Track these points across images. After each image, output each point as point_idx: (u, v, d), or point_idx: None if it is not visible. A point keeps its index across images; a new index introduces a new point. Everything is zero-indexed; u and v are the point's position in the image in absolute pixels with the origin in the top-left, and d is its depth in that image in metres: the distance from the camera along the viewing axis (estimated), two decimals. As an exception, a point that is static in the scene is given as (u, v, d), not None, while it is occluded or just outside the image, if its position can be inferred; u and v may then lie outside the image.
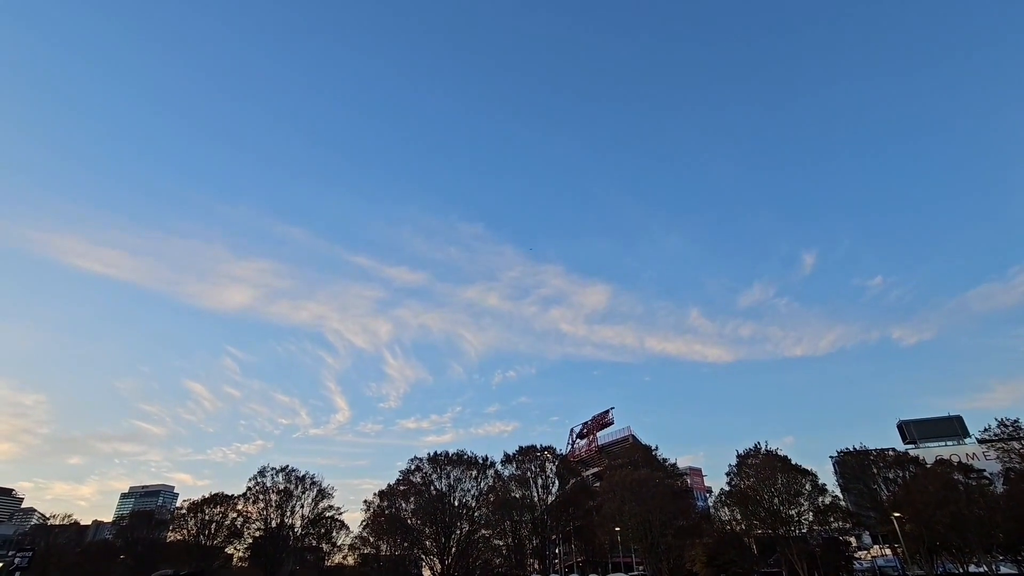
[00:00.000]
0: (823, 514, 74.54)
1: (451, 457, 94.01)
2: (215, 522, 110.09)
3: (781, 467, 76.16)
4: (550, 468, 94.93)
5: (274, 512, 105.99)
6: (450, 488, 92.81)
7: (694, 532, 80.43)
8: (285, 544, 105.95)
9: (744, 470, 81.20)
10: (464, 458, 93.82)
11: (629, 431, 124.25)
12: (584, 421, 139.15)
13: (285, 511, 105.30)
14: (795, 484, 74.28)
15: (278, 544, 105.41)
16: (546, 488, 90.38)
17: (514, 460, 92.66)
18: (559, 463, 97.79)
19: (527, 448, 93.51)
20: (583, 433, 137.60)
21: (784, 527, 73.26)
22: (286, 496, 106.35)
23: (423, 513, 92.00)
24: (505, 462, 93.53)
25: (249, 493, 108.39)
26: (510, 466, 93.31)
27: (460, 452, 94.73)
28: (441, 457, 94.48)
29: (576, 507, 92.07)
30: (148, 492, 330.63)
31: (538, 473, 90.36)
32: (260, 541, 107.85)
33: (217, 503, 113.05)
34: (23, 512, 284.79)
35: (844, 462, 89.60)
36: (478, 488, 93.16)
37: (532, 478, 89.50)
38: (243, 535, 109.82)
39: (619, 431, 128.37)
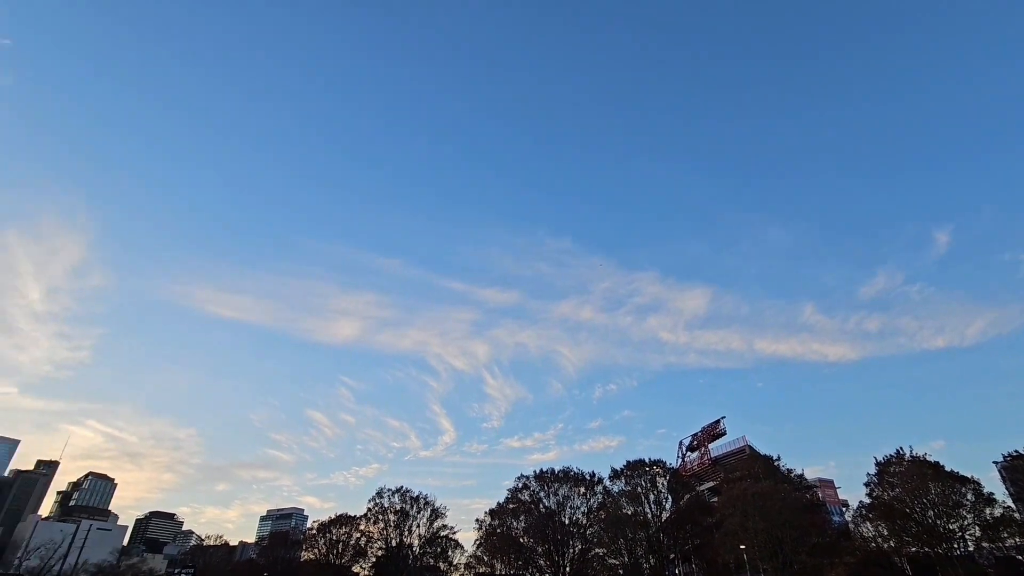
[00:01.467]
0: (993, 529, 64.30)
1: (557, 474, 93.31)
2: (341, 542, 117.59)
3: (932, 475, 67.06)
4: (661, 483, 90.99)
5: (393, 532, 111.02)
6: (559, 505, 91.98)
7: (832, 551, 72.72)
8: (405, 563, 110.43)
9: (886, 479, 72.54)
10: (571, 475, 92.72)
11: (744, 441, 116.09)
12: (694, 433, 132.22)
13: (403, 530, 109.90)
14: (953, 494, 64.96)
15: (399, 563, 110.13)
16: (659, 504, 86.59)
17: (622, 475, 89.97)
18: (671, 478, 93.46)
19: (635, 463, 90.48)
20: (693, 445, 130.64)
21: (943, 544, 64.11)
22: (403, 516, 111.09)
23: (534, 531, 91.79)
24: (613, 478, 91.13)
25: (370, 514, 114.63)
26: (619, 482, 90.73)
27: (566, 469, 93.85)
28: (547, 475, 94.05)
29: (693, 524, 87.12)
30: (282, 515, 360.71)
31: (649, 488, 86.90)
32: (382, 560, 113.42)
33: (342, 524, 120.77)
34: (183, 534, 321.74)
35: (1015, 467, 76.95)
36: (587, 505, 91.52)
37: (643, 494, 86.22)
38: (367, 554, 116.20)
39: (733, 442, 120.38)
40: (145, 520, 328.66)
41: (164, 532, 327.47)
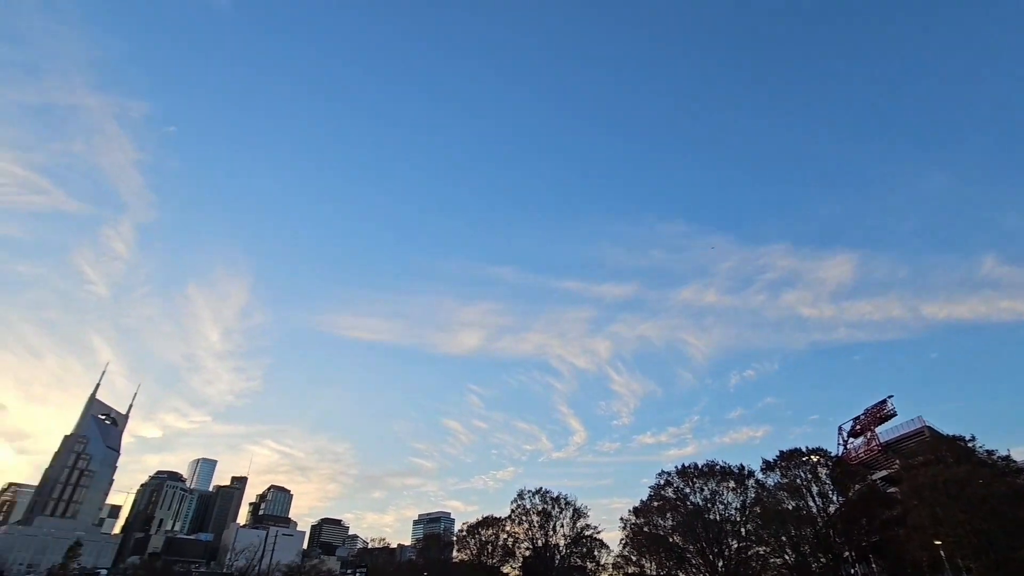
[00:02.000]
0: None
1: (702, 469, 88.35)
2: (490, 543, 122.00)
3: None
4: (823, 473, 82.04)
5: (538, 532, 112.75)
6: (707, 501, 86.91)
7: (1062, 547, 59.96)
8: (552, 562, 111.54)
9: None
10: (716, 469, 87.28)
11: (921, 422, 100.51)
12: (855, 416, 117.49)
13: (547, 531, 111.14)
14: None
15: (546, 562, 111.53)
16: (824, 497, 78.11)
17: (777, 467, 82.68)
18: (834, 467, 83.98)
19: (790, 452, 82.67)
20: (856, 431, 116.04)
21: None
22: (545, 517, 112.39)
23: (683, 529, 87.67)
24: (766, 470, 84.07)
25: (513, 515, 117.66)
26: (773, 474, 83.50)
27: (711, 463, 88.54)
28: (691, 470, 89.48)
29: (870, 518, 77.26)
30: (431, 518, 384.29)
31: (811, 480, 78.79)
32: (530, 560, 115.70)
33: (488, 525, 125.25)
34: (350, 538, 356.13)
35: None
36: (739, 500, 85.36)
37: (804, 486, 78.37)
38: (515, 554, 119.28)
39: (906, 423, 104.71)
40: (318, 526, 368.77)
41: (334, 536, 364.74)
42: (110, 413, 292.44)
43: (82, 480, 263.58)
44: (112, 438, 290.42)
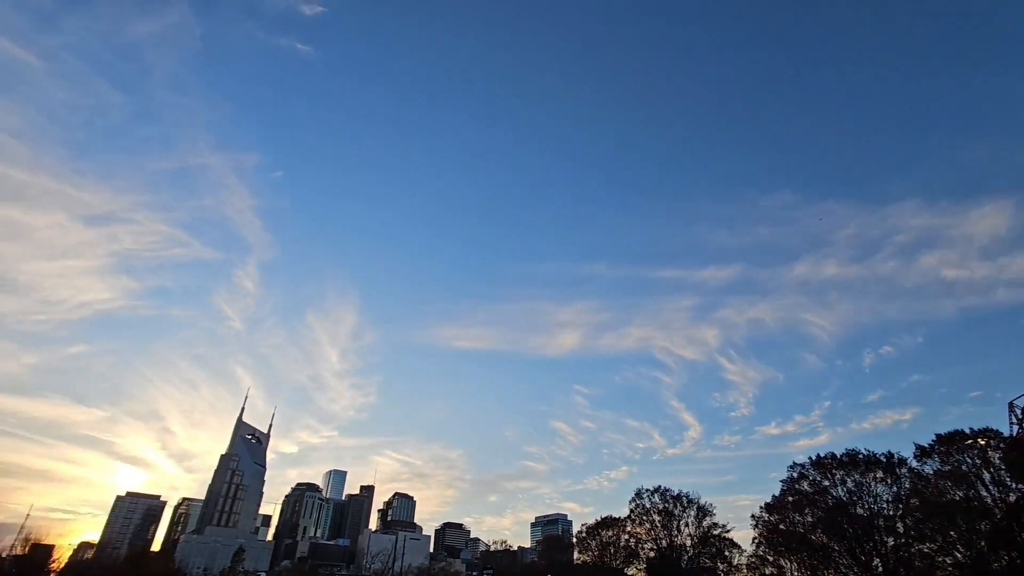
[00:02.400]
0: None
1: (841, 459, 79.99)
2: (612, 544, 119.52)
3: None
4: (995, 458, 70.66)
5: (661, 532, 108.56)
6: (851, 494, 78.42)
7: None
8: (678, 564, 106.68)
9: None
10: (859, 458, 78.55)
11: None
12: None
13: (671, 530, 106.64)
14: None
15: (672, 564, 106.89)
16: (1001, 485, 67.17)
17: (935, 453, 72.60)
18: (1009, 449, 72.06)
19: (950, 435, 72.20)
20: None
21: None
22: (668, 516, 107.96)
23: (825, 526, 79.80)
24: (921, 457, 74.15)
25: (632, 515, 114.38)
26: (930, 461, 73.44)
27: (852, 452, 79.86)
28: (828, 460, 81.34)
29: (1064, 508, 65.16)
30: (549, 520, 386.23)
31: (980, 466, 68.22)
32: (655, 561, 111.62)
33: (607, 526, 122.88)
34: (472, 541, 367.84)
35: None
36: (891, 492, 76.08)
37: (973, 473, 68.01)
38: (639, 555, 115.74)
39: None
40: (441, 530, 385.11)
41: (457, 540, 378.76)
42: (255, 433, 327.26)
43: (238, 494, 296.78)
44: (258, 455, 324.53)
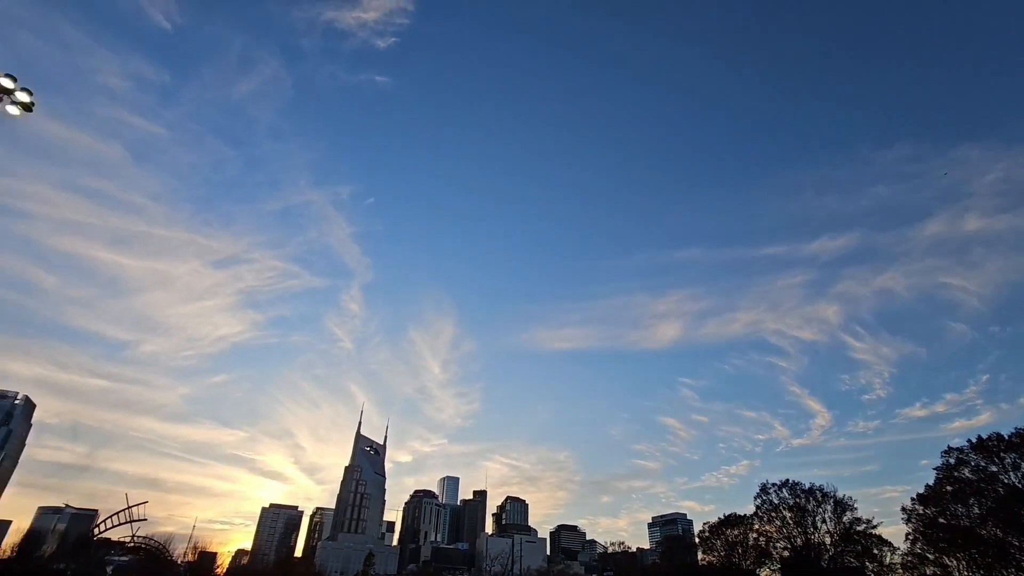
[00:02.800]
0: None
1: (1010, 440, 69.30)
2: (739, 544, 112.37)
3: None
4: None
5: (794, 530, 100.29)
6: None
7: None
8: (817, 564, 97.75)
9: None
10: (1035, 437, 67.53)
11: None
12: None
13: (806, 527, 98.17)
14: None
15: (810, 564, 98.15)
16: None
17: None
18: None
19: None
20: None
21: None
22: (800, 512, 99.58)
23: (998, 518, 69.24)
24: (1120, 432, 62.22)
25: (759, 512, 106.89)
26: None
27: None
28: (993, 442, 70.80)
29: None
30: (667, 520, 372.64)
31: None
32: (790, 561, 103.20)
33: (732, 525, 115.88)
34: (589, 543, 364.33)
35: None
36: (1082, 476, 64.47)
37: None
38: (771, 555, 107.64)
39: None
40: (556, 532, 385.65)
41: (572, 542, 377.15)
42: (373, 445, 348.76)
43: (363, 502, 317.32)
44: (378, 465, 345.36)
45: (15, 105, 30.13)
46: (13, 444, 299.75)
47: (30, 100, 30.47)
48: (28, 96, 30.35)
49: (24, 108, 30.47)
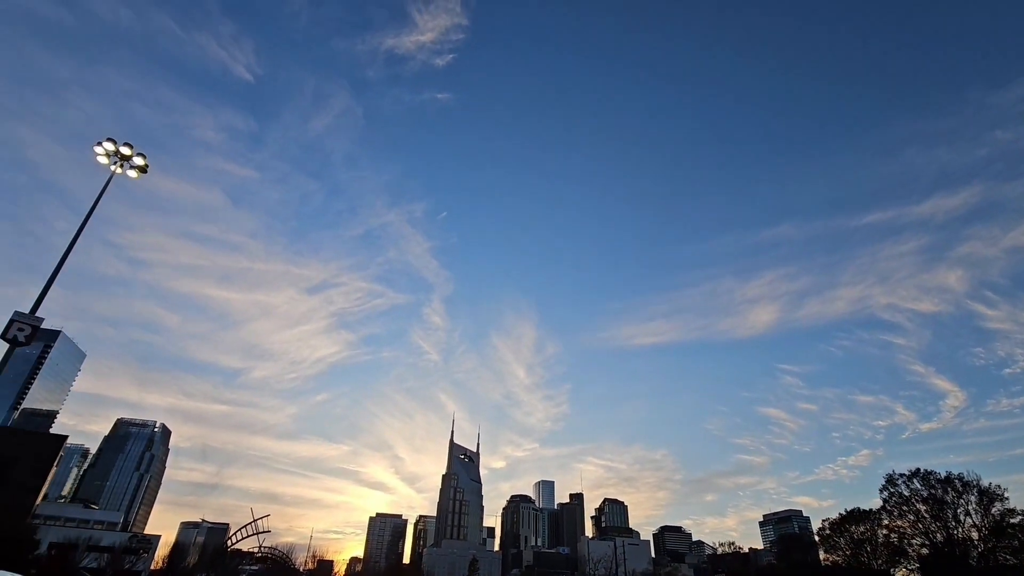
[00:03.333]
0: None
1: None
2: (866, 541, 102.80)
3: None
4: None
5: (932, 524, 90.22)
6: None
7: None
8: (965, 561, 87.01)
9: None
10: None
11: None
12: None
13: (946, 522, 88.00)
14: None
15: (955, 562, 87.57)
16: None
17: None
18: None
19: None
20: None
21: None
22: (937, 505, 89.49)
23: None
24: None
25: (888, 505, 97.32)
26: None
27: None
28: None
29: None
30: (780, 518, 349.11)
31: None
32: (930, 560, 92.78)
33: (857, 521, 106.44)
34: (696, 544, 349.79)
35: None
36: None
37: None
38: (907, 553, 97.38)
39: None
40: (659, 534, 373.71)
41: (678, 543, 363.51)
42: (467, 452, 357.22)
43: (463, 509, 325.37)
44: (473, 472, 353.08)
45: (133, 169, 33.86)
46: (156, 467, 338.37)
47: (144, 163, 34.13)
48: (143, 159, 34.00)
49: (140, 170, 34.18)
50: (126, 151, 33.15)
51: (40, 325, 25.41)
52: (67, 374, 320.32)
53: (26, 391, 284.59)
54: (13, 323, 24.44)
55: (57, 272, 27.59)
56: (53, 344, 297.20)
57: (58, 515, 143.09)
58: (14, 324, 24.45)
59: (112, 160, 32.94)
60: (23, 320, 24.77)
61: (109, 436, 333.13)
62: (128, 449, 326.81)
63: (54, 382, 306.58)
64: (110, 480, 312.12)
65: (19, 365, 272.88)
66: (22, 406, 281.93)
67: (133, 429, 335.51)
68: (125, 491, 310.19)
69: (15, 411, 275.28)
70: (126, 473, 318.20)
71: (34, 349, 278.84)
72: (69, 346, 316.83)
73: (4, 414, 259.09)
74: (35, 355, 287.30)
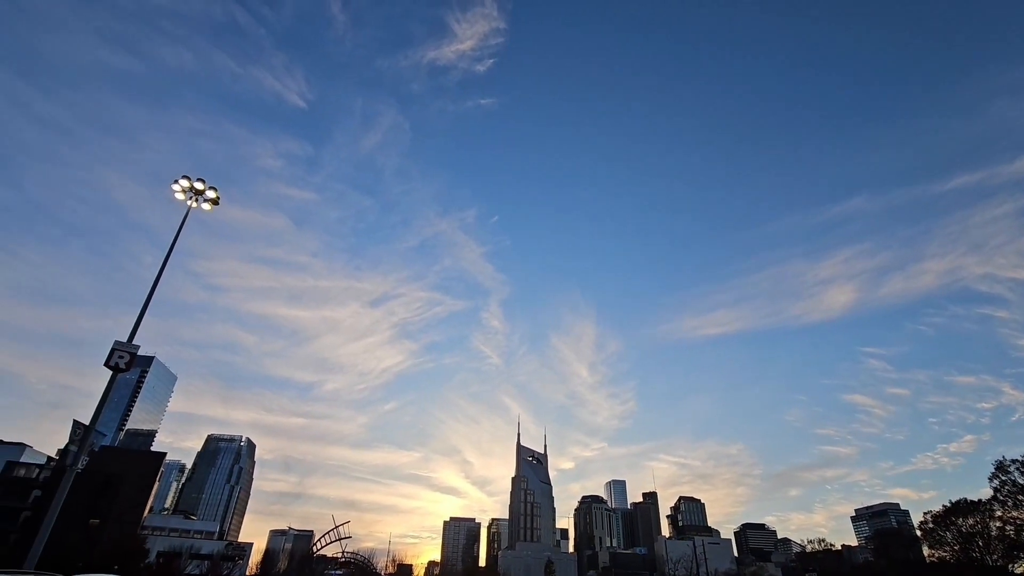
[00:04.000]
0: None
1: None
2: (978, 535, 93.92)
3: None
4: None
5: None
6: None
7: None
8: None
9: None
10: None
11: None
12: None
13: (1074, 512, 79.00)
14: None
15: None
16: None
17: None
18: None
19: None
20: None
21: None
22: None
23: None
24: None
25: (1000, 495, 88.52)
26: None
27: None
28: None
29: None
30: (875, 512, 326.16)
31: None
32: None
33: (964, 513, 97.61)
34: (781, 542, 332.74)
35: None
36: None
37: None
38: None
39: None
40: (741, 532, 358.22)
41: (762, 541, 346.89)
42: (534, 455, 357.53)
43: (534, 511, 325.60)
44: (542, 474, 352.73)
45: (207, 202, 36.16)
46: (245, 479, 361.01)
47: (216, 195, 36.35)
48: (214, 192, 36.24)
49: (212, 203, 36.44)
50: (199, 186, 35.46)
51: (137, 352, 27.49)
52: (162, 396, 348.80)
53: (128, 413, 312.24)
54: (114, 352, 26.61)
55: (148, 303, 29.87)
56: (148, 369, 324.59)
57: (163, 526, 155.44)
58: (115, 352, 26.61)
59: (188, 195, 35.31)
60: (122, 348, 26.93)
61: (201, 451, 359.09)
62: (219, 463, 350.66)
63: (151, 404, 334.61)
64: (205, 492, 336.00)
65: (121, 390, 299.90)
66: (126, 427, 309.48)
67: (222, 444, 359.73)
68: (219, 502, 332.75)
69: (120, 432, 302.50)
70: (218, 485, 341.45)
71: (133, 375, 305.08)
72: (162, 370, 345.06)
73: (111, 435, 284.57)
74: (134, 380, 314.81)
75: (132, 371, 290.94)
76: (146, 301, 29.82)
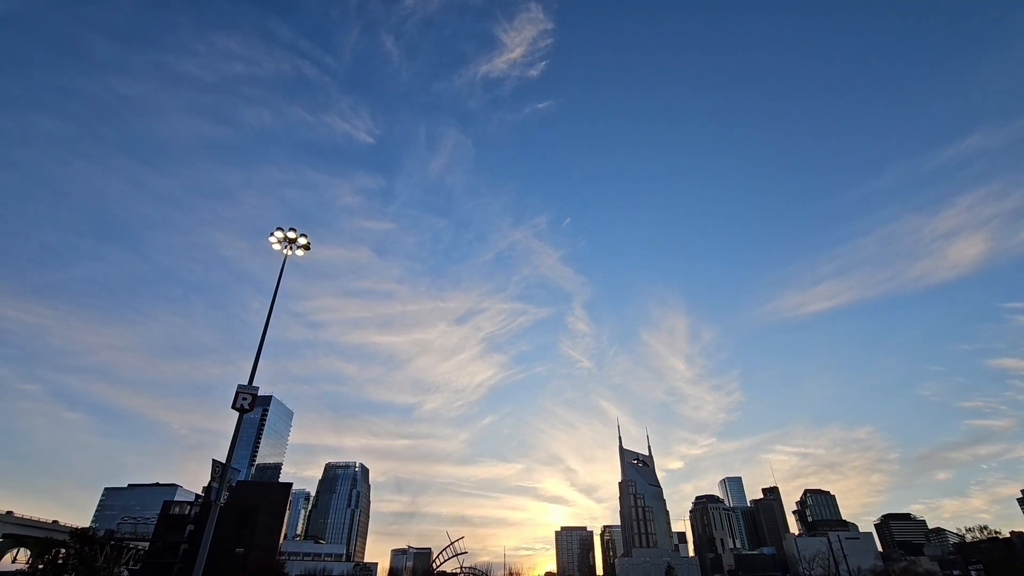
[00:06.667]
0: None
1: None
2: None
3: None
4: None
5: None
6: None
7: None
8: None
9: None
10: None
11: None
12: None
13: None
14: None
15: None
16: None
17: None
18: None
19: None
20: None
21: None
22: None
23: None
24: None
25: None
26: None
27: None
28: None
29: None
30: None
31: None
32: None
33: None
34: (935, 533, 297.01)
35: None
36: None
37: None
38: None
39: None
40: (883, 524, 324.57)
41: (910, 533, 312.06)
42: (639, 457, 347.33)
43: (646, 515, 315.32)
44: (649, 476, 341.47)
45: (300, 248, 38.98)
46: (363, 502, 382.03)
47: (307, 241, 39.09)
48: (305, 239, 38.99)
49: (305, 249, 39.21)
50: (292, 235, 38.36)
51: (257, 393, 30.13)
52: (283, 431, 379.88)
53: (256, 449, 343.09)
54: (238, 395, 29.32)
55: (261, 346, 32.65)
56: (268, 407, 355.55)
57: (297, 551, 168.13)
58: (239, 395, 29.31)
59: (283, 245, 38.32)
60: (245, 391, 29.61)
61: (322, 479, 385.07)
62: (338, 488, 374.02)
63: (275, 439, 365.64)
64: (330, 517, 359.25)
65: (248, 429, 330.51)
66: (256, 461, 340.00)
67: (339, 471, 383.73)
68: (343, 526, 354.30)
69: (251, 467, 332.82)
70: (340, 510, 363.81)
71: (256, 414, 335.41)
72: (280, 407, 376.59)
73: (244, 470, 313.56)
74: (257, 419, 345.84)
75: (255, 411, 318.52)
76: (259, 345, 32.56)
